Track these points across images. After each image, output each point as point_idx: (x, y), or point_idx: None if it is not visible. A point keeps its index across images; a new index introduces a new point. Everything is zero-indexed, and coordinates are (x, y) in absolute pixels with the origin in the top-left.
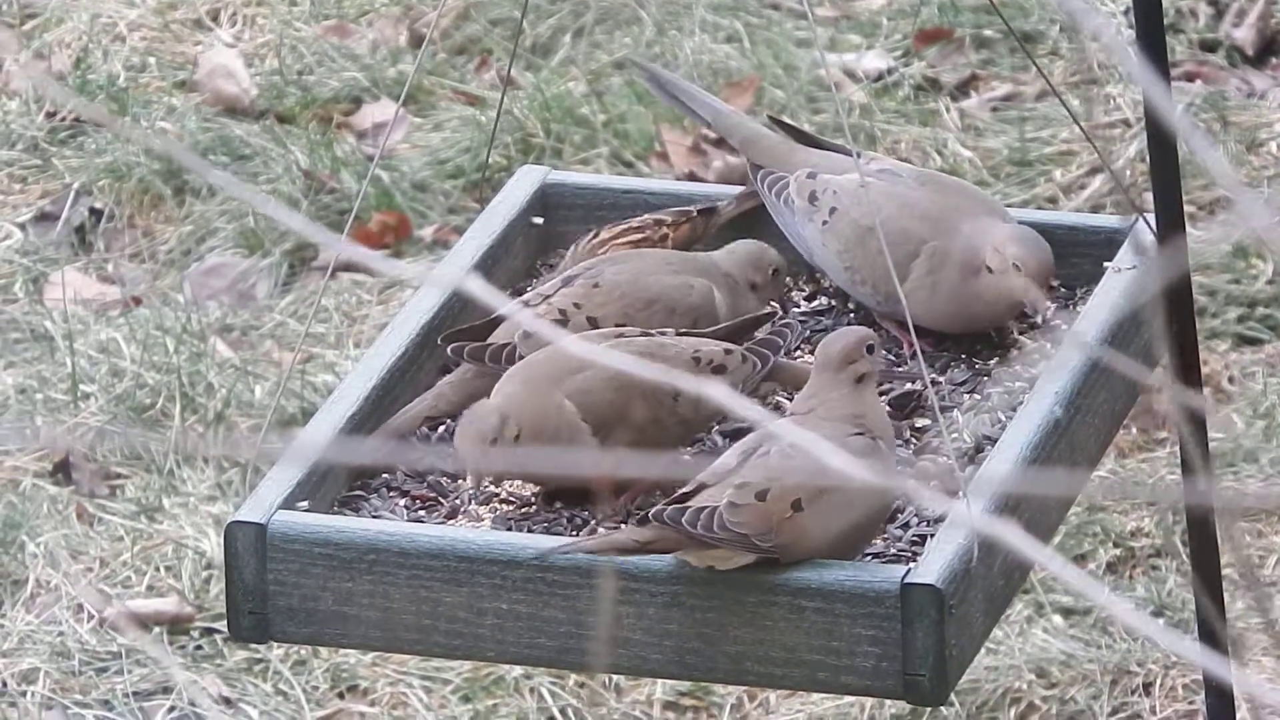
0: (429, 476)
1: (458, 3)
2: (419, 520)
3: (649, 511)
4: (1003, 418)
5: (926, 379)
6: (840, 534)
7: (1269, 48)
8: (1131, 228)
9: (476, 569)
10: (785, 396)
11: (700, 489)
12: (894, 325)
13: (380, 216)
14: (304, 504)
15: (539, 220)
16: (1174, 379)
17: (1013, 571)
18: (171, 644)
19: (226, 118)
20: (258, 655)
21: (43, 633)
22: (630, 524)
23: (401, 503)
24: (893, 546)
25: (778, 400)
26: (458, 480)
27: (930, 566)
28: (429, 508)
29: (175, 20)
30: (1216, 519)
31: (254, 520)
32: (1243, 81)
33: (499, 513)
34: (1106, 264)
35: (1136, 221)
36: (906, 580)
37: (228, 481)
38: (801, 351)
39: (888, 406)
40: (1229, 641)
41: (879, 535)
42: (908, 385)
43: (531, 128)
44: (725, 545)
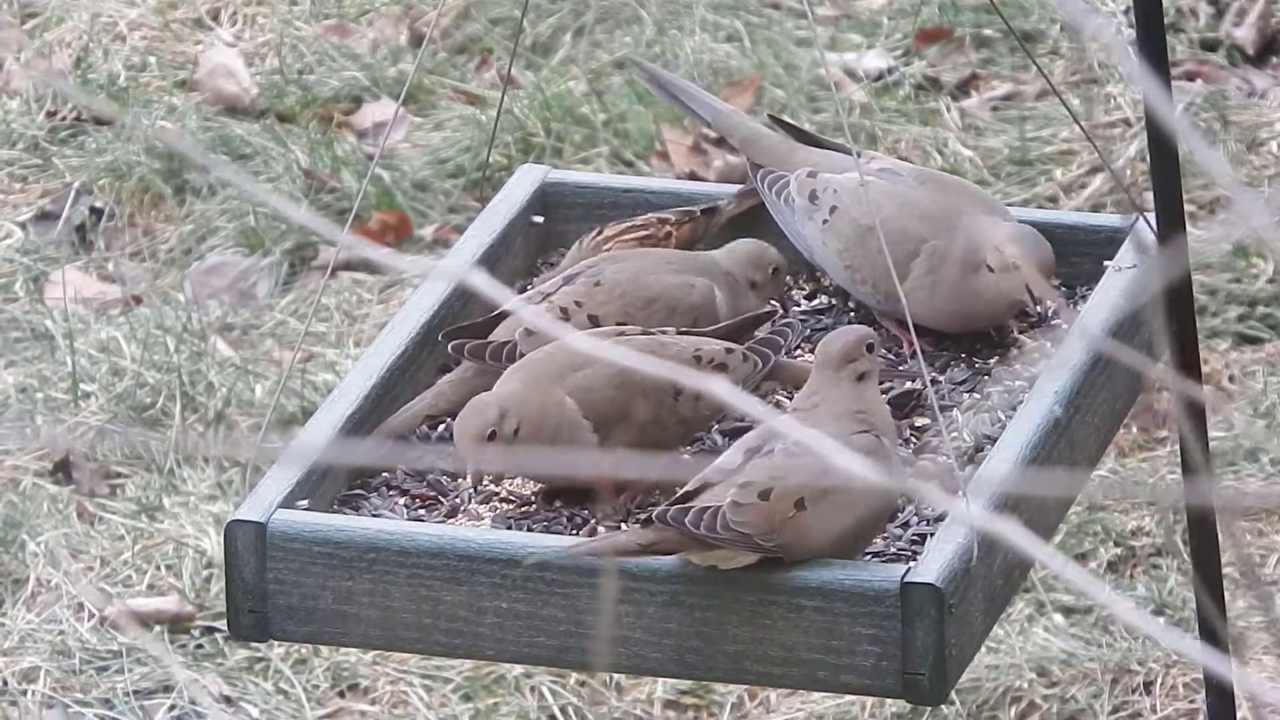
0: (429, 475)
1: (458, 2)
2: (419, 519)
3: (652, 513)
4: (1002, 417)
5: (926, 378)
6: (844, 533)
7: (1269, 47)
8: (1132, 227)
9: (476, 568)
10: (786, 395)
11: (704, 488)
12: (894, 324)
13: (381, 216)
14: (304, 503)
15: (539, 219)
16: (1175, 377)
17: (1012, 570)
18: (172, 643)
19: (227, 117)
20: (258, 654)
21: (43, 631)
22: (633, 526)
23: (401, 501)
24: (892, 545)
25: (778, 399)
26: (458, 479)
27: (930, 565)
28: (429, 506)
29: (175, 19)
30: (1218, 518)
31: (254, 519)
32: (1243, 81)
33: (499, 511)
34: (1107, 263)
35: (1137, 221)
36: (906, 579)
37: (228, 481)
38: (802, 351)
39: (887, 405)
40: (1230, 640)
41: (880, 534)
42: (907, 384)
43: (532, 127)
44: (728, 545)
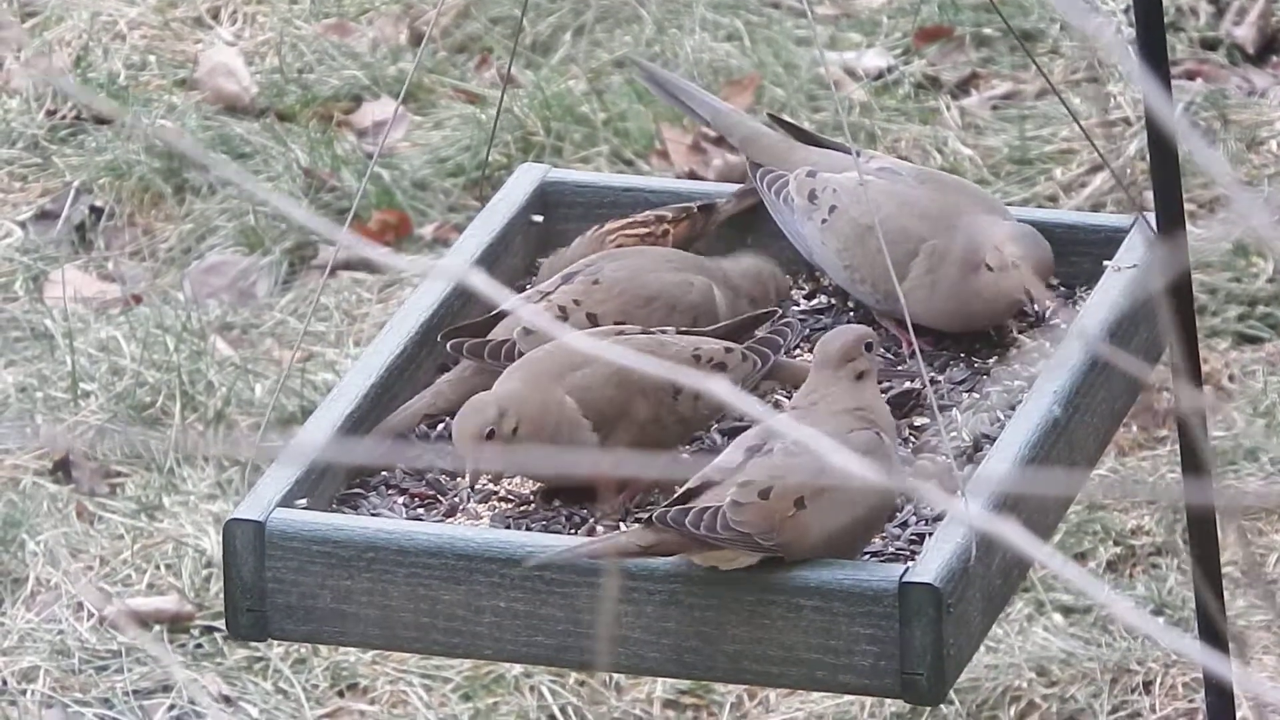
0: (428, 474)
1: (458, 1)
2: (417, 518)
3: (652, 514)
4: (1001, 416)
5: (925, 377)
6: (843, 531)
7: (1269, 46)
8: (1132, 226)
9: (475, 567)
10: (785, 395)
11: (703, 487)
12: (893, 324)
13: (380, 215)
14: (303, 502)
15: (539, 218)
16: (1175, 377)
17: (1011, 570)
18: (172, 642)
19: (227, 116)
20: (258, 653)
21: (43, 631)
22: (632, 526)
23: (400, 501)
24: (891, 545)
25: (777, 399)
26: (456, 478)
27: (928, 565)
28: (427, 506)
29: (175, 18)
30: (1219, 517)
31: (252, 518)
32: (1243, 80)
33: (497, 511)
34: (1106, 263)
35: (1137, 220)
36: (904, 579)
37: (228, 480)
38: (801, 350)
39: (886, 404)
40: (1230, 640)
41: (880, 533)
42: (906, 384)
43: (532, 126)
44: (728, 545)
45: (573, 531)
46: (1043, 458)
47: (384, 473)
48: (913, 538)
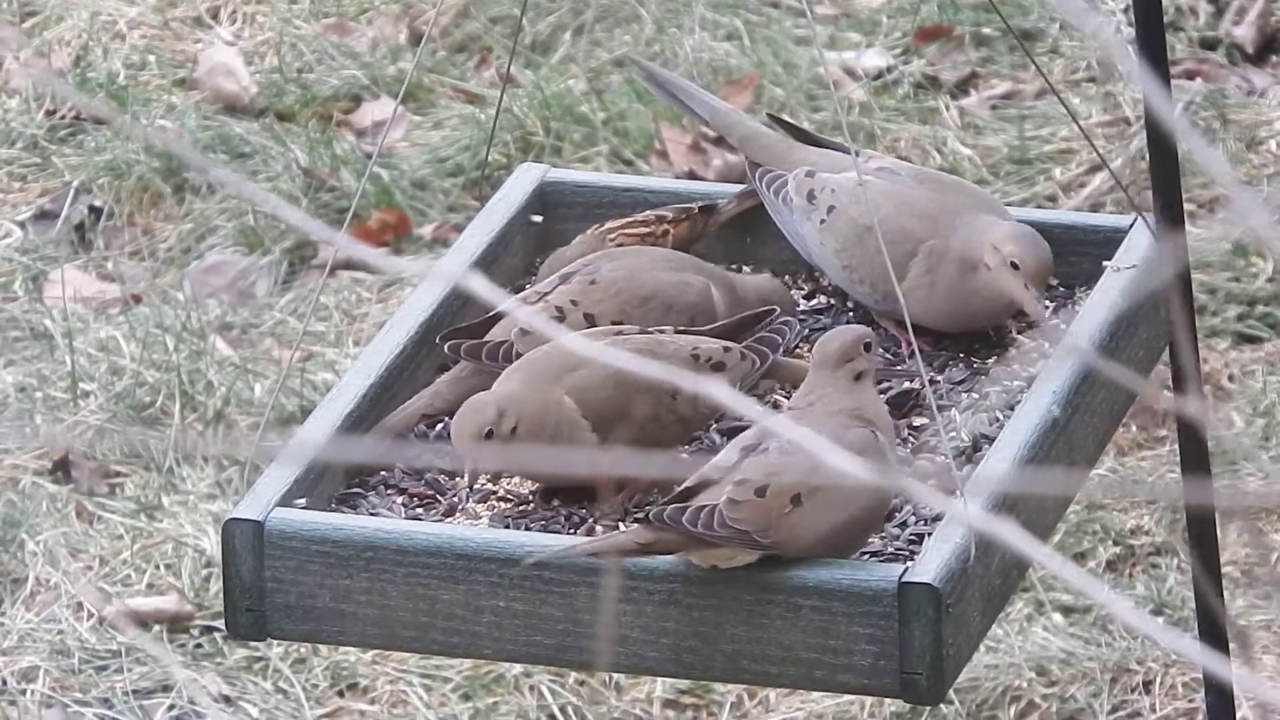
0: (427, 474)
1: (457, 0)
2: (416, 518)
3: (649, 513)
4: (1000, 417)
5: (924, 378)
6: (840, 529)
7: (1269, 45)
8: (1131, 226)
9: (474, 567)
10: (784, 394)
11: (701, 486)
12: (892, 324)
13: (380, 214)
14: (302, 501)
15: (538, 218)
16: (1175, 376)
17: (1010, 570)
18: (171, 642)
19: (226, 116)
20: (257, 653)
21: (42, 631)
22: (631, 525)
23: (399, 500)
24: (890, 545)
25: (776, 398)
26: (455, 478)
27: (927, 565)
28: (426, 505)
29: (175, 18)
30: (1223, 517)
31: (251, 518)
32: (1243, 79)
33: (496, 510)
34: (1105, 263)
35: (1136, 220)
36: (904, 579)
37: (227, 480)
38: (800, 350)
39: (885, 404)
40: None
41: (878, 532)
42: (905, 384)
43: (531, 126)
44: (726, 543)
45: (572, 531)
46: (1042, 458)
47: (383, 472)
48: (912, 538)
